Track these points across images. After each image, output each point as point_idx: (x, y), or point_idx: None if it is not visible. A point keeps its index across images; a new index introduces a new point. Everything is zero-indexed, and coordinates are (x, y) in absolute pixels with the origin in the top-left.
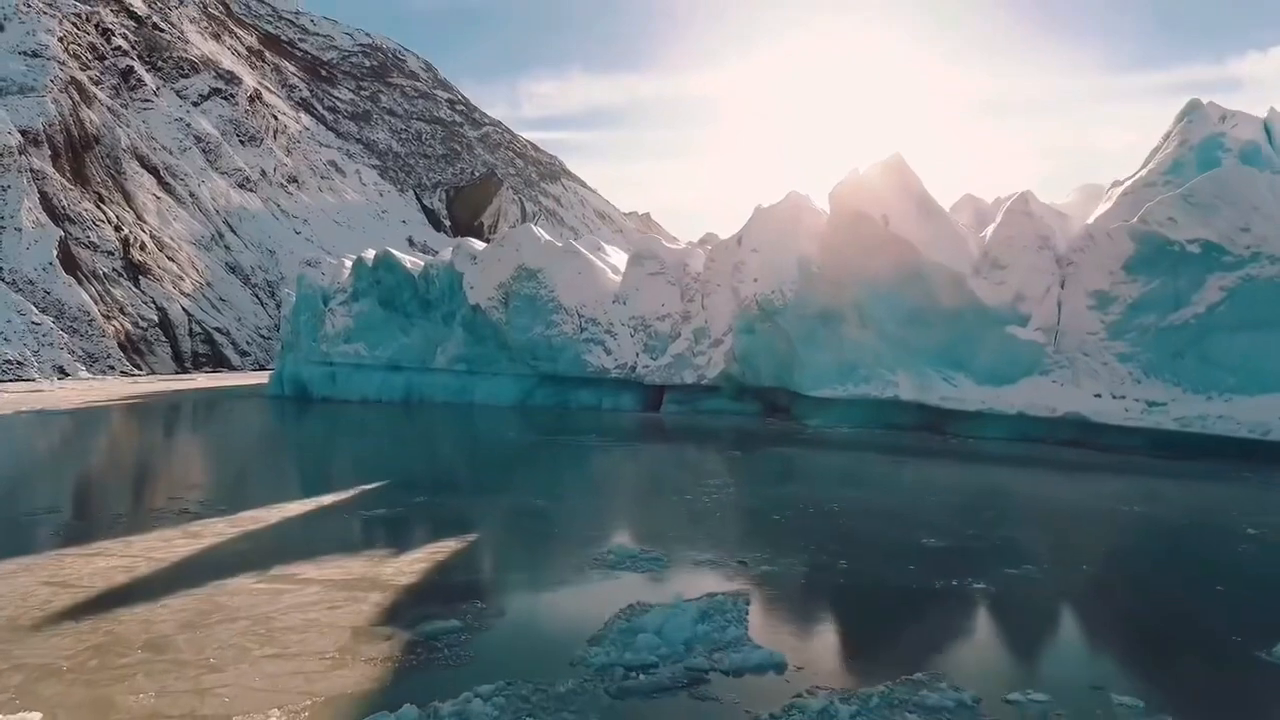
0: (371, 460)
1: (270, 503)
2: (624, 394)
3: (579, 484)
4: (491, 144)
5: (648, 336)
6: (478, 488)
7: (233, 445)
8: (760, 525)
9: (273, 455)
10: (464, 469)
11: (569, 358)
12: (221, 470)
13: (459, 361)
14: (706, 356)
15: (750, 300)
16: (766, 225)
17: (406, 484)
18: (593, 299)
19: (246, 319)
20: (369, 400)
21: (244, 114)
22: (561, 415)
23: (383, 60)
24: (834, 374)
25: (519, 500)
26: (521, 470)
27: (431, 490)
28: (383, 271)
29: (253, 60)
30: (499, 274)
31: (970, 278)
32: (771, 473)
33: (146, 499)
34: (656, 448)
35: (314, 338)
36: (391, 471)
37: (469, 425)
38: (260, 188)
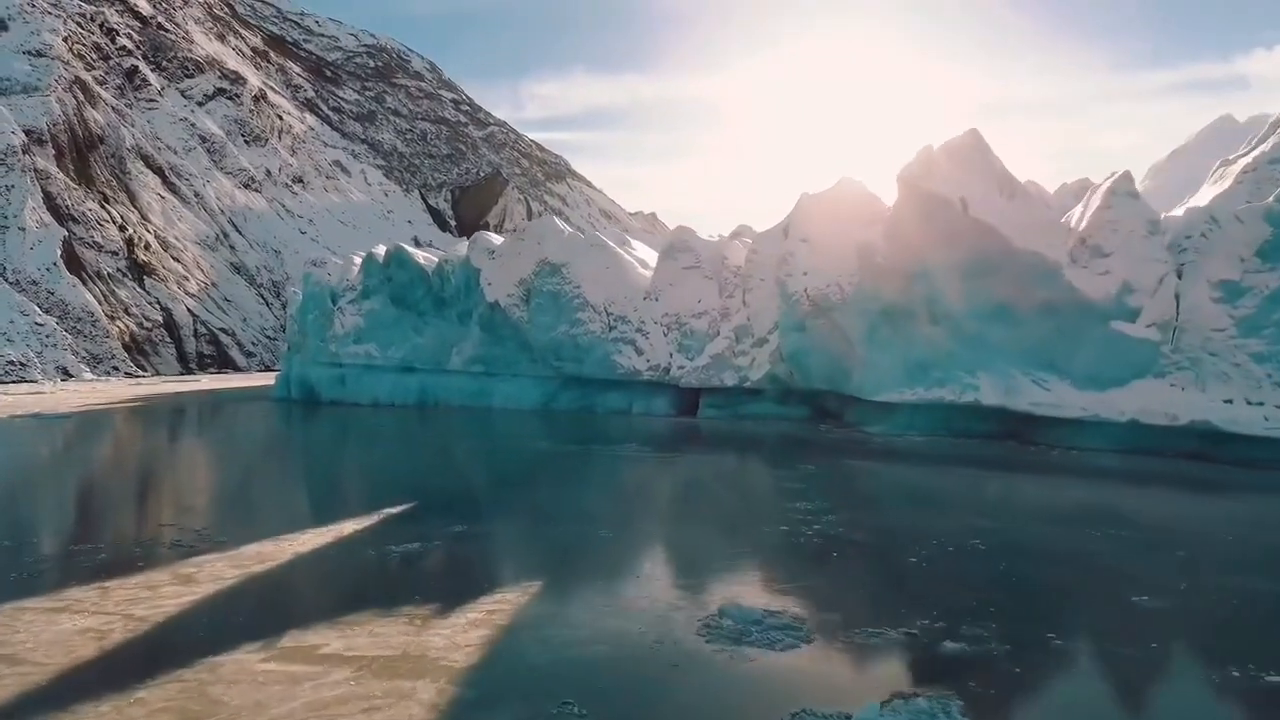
0: (391, 475)
1: (279, 532)
2: (656, 397)
3: (640, 506)
4: (496, 144)
5: (682, 335)
6: (522, 511)
7: (236, 456)
8: (899, 571)
9: (280, 469)
10: (500, 486)
11: (596, 359)
12: (223, 488)
13: (476, 363)
14: (749, 357)
15: (800, 295)
16: (816, 214)
17: (436, 506)
18: (622, 295)
19: (252, 319)
20: (380, 404)
21: (249, 114)
22: (590, 421)
23: (387, 61)
24: (900, 376)
25: (576, 530)
26: (567, 488)
27: (468, 515)
28: (395, 268)
29: (257, 61)
30: (519, 269)
31: (1067, 267)
32: (864, 493)
33: (135, 526)
34: (711, 459)
35: (322, 338)
36: (416, 489)
37: (492, 432)
38: (265, 188)
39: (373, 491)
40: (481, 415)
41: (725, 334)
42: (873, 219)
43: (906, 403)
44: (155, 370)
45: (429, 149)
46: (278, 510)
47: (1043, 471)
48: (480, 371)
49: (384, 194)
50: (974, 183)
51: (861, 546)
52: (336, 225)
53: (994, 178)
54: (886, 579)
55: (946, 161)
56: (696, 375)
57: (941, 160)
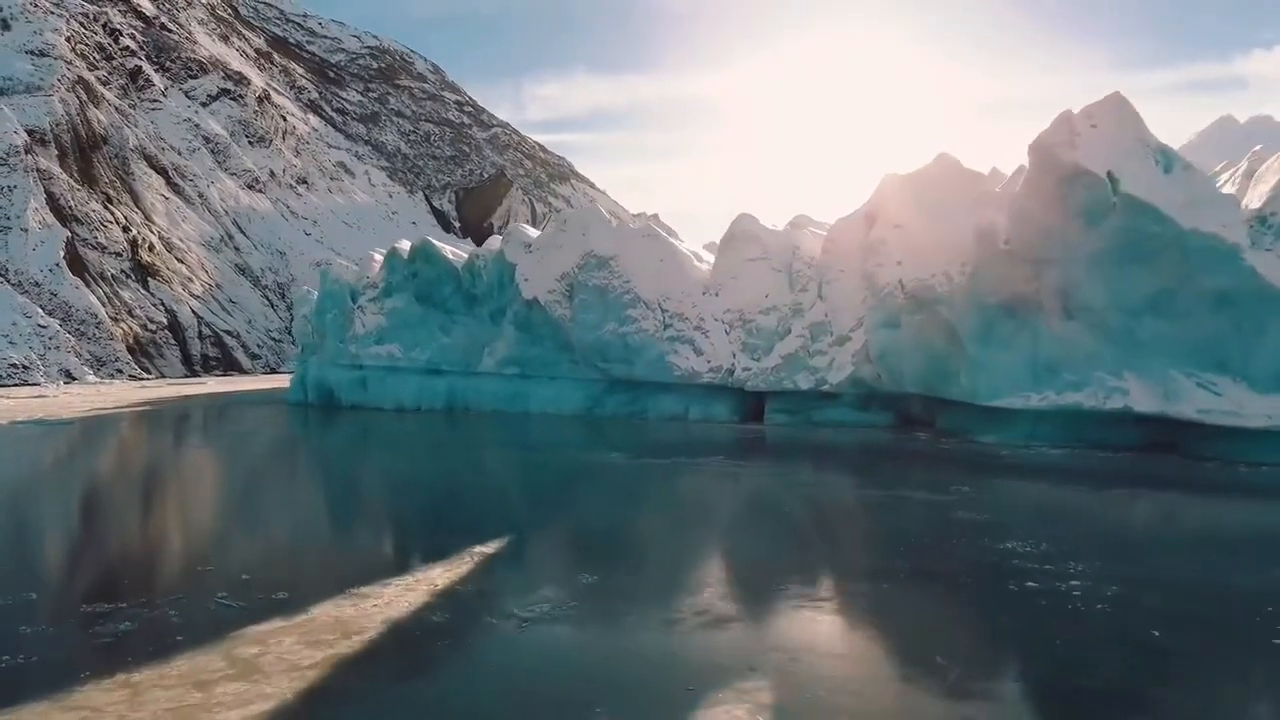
0: (453, 496)
1: (350, 582)
2: (716, 402)
3: (758, 545)
4: (500, 145)
5: (747, 334)
6: (655, 551)
7: (265, 472)
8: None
9: (321, 489)
10: (593, 512)
11: (649, 360)
12: (261, 516)
13: (510, 364)
14: (827, 357)
15: (893, 288)
16: (909, 196)
17: (532, 542)
18: (678, 290)
19: (257, 321)
20: (405, 408)
21: (253, 115)
22: (644, 428)
23: (390, 62)
24: (1024, 378)
25: (708, 586)
26: (661, 516)
27: (580, 555)
28: (420, 263)
29: (261, 62)
30: (561, 263)
31: (1247, 251)
32: (1064, 527)
33: (165, 574)
34: (815, 476)
35: (341, 338)
36: (494, 517)
37: (541, 442)
38: (269, 189)
39: (441, 520)
40: (519, 421)
41: (798, 332)
42: (979, 200)
43: (1030, 409)
44: (159, 373)
45: (433, 150)
46: (337, 548)
47: (1249, 494)
48: (515, 374)
49: (388, 195)
50: (1122, 153)
51: (1164, 620)
52: (341, 226)
53: (1145, 147)
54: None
55: (1088, 129)
56: (764, 378)
57: (1082, 128)
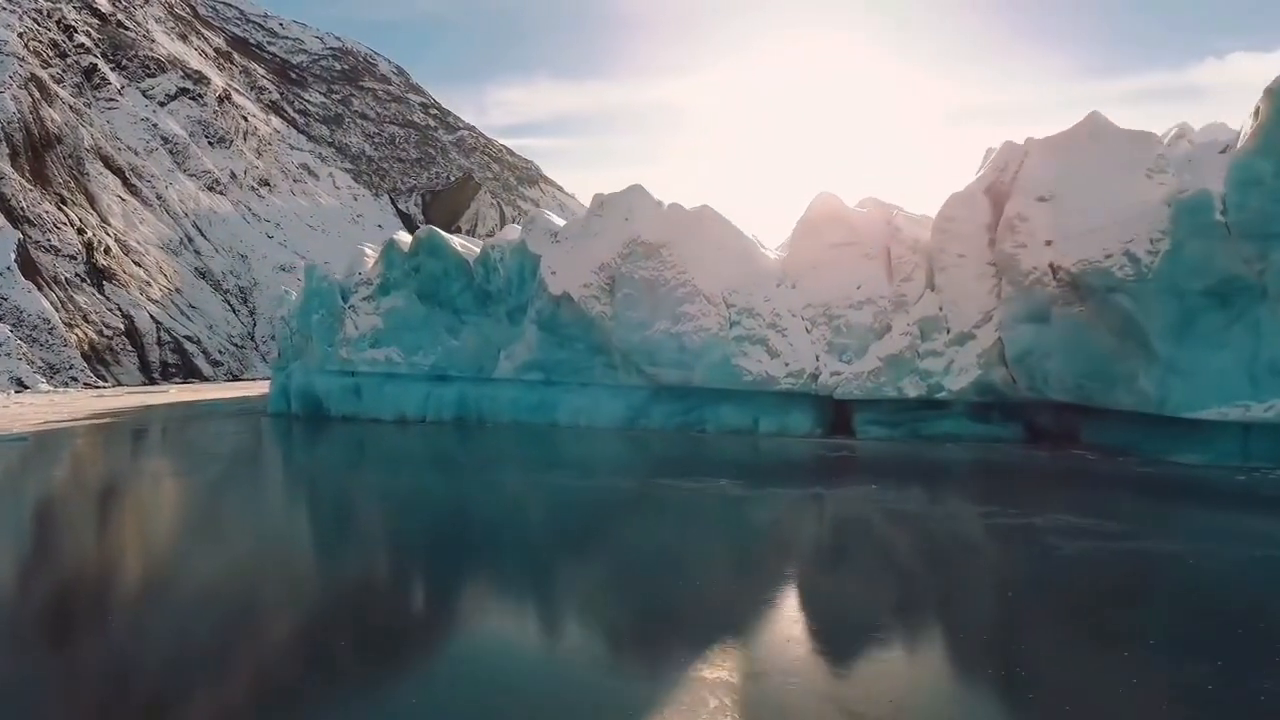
0: (485, 542)
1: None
2: (792, 411)
3: (917, 617)
4: (467, 148)
5: (833, 332)
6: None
7: (260, 507)
8: None
9: (328, 532)
10: (654, 568)
11: (711, 363)
12: (262, 579)
13: (533, 369)
14: (943, 358)
15: (1042, 273)
16: (1056, 162)
17: (572, 603)
18: (747, 282)
19: (218, 327)
20: (408, 419)
21: (213, 115)
22: (704, 444)
23: (354, 64)
24: (1239, 383)
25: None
26: (768, 573)
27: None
28: (424, 257)
29: (220, 62)
30: (598, 253)
31: None
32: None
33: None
34: (960, 507)
35: (330, 341)
36: (534, 573)
37: (576, 460)
38: (230, 190)
39: (483, 579)
40: (546, 436)
41: (901, 329)
42: (1155, 164)
43: (1254, 422)
44: (116, 380)
45: (398, 153)
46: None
47: None
48: (539, 380)
49: (353, 198)
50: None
51: None
52: (305, 229)
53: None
54: None
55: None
56: (858, 384)
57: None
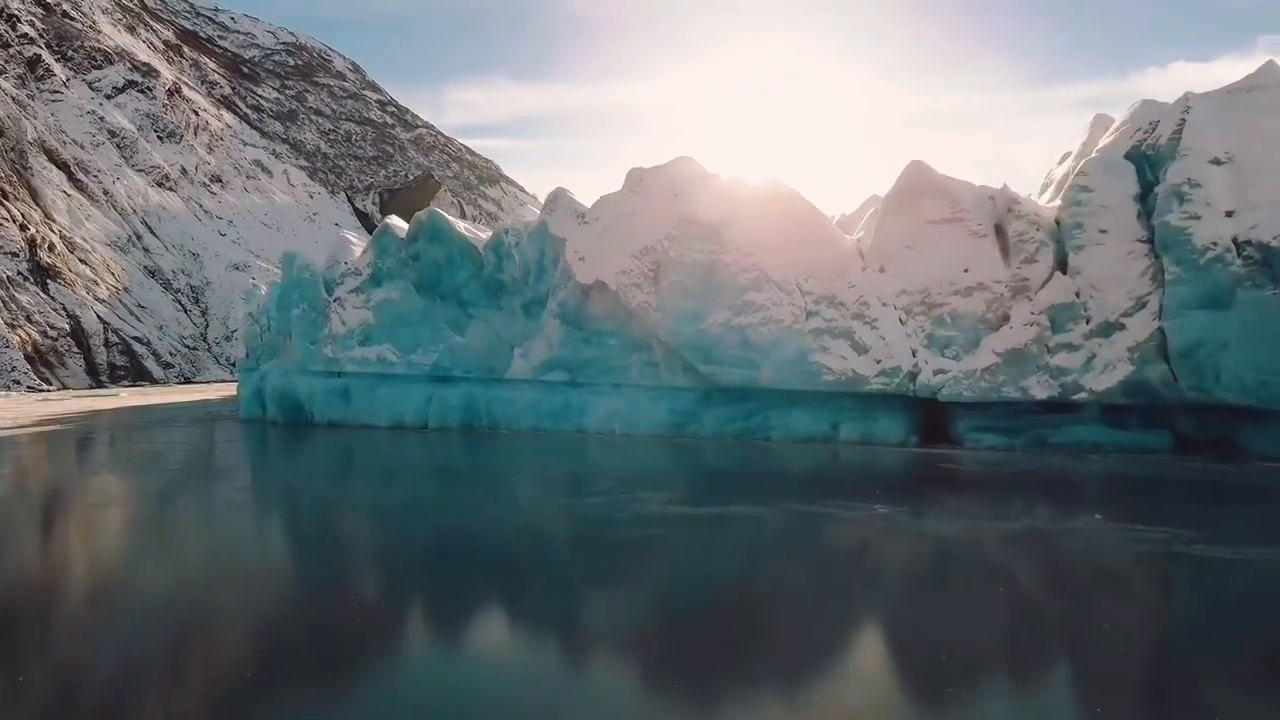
0: (534, 587)
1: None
2: (882, 417)
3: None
4: (425, 146)
5: (935, 324)
6: None
7: (249, 542)
8: None
9: (344, 587)
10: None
11: (783, 360)
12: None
13: (554, 368)
14: (1083, 353)
15: (1220, 249)
16: (1232, 118)
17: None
18: (826, 266)
19: (169, 327)
20: (406, 425)
21: (162, 108)
22: (773, 455)
23: (308, 60)
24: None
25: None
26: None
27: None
28: (425, 243)
29: (170, 55)
30: (639, 235)
31: None
32: None
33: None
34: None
35: (313, 339)
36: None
37: (614, 471)
38: (181, 186)
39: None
40: (575, 444)
41: (1025, 318)
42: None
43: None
44: (62, 383)
45: (354, 150)
46: None
47: None
48: (562, 381)
49: (308, 195)
50: None
51: None
52: (259, 227)
53: None
54: None
55: None
56: (970, 384)
57: None
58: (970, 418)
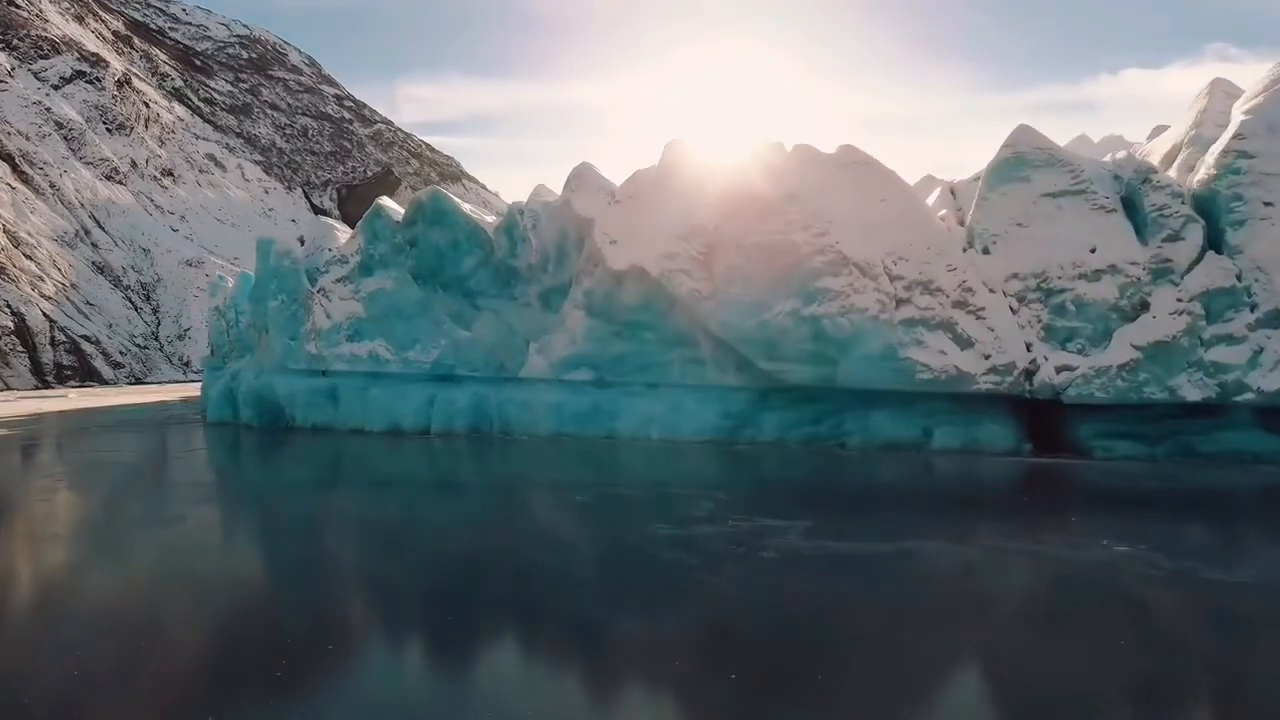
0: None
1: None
2: (983, 420)
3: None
4: (384, 142)
5: (1054, 313)
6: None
7: (243, 598)
8: None
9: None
10: None
11: (868, 355)
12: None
13: (578, 367)
14: (1248, 346)
15: None
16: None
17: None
18: (918, 246)
19: (119, 325)
20: (403, 430)
21: (111, 100)
22: (866, 466)
23: (262, 53)
24: None
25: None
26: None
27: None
28: (425, 226)
29: (119, 46)
30: (688, 213)
31: None
32: None
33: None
34: None
35: (293, 334)
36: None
37: (680, 483)
38: (131, 180)
39: None
40: (609, 453)
41: (1170, 307)
42: None
43: None
44: (5, 384)
45: (311, 145)
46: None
47: None
48: (587, 381)
49: (264, 191)
50: None
51: None
52: (212, 222)
53: None
54: None
55: None
56: (1103, 383)
57: None
58: (1096, 422)
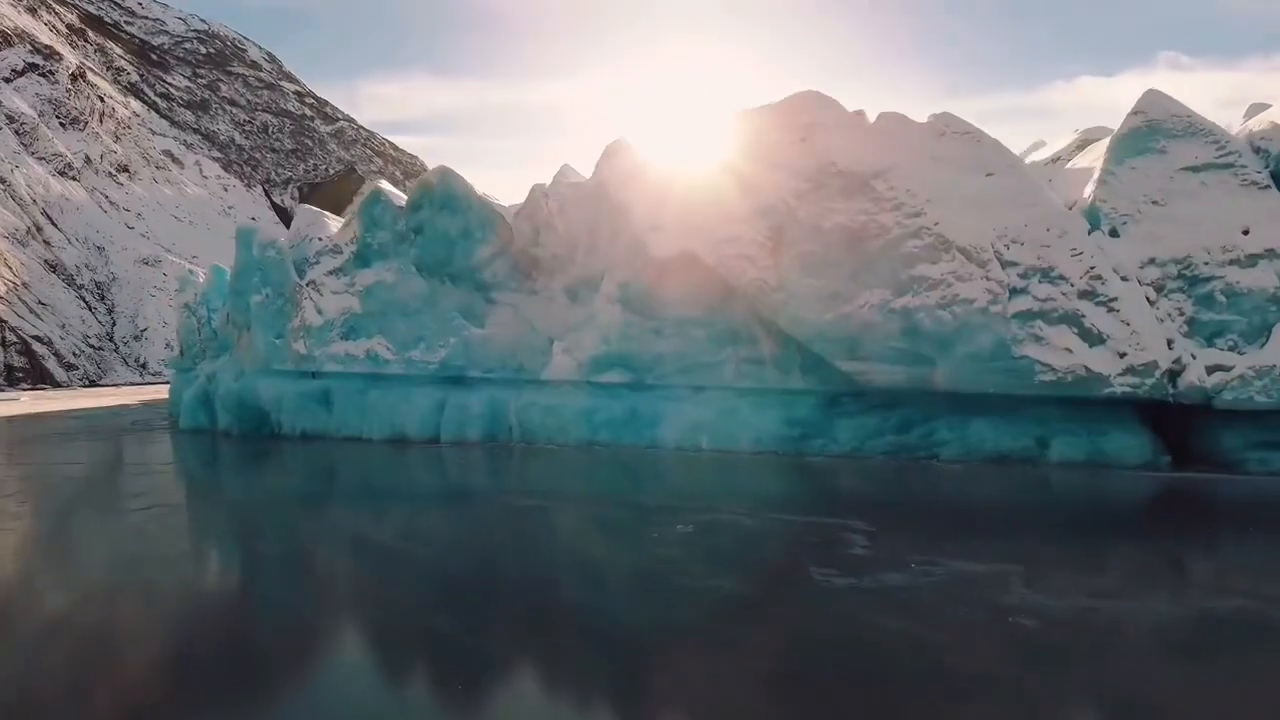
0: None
1: None
2: (1109, 429)
3: None
4: (347, 140)
5: (1200, 304)
6: None
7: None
8: None
9: None
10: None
11: (975, 353)
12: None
13: (611, 367)
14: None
15: None
16: None
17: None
18: (1034, 229)
19: (72, 326)
20: (408, 438)
21: (65, 93)
22: (972, 482)
23: (220, 48)
24: None
25: None
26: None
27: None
28: (432, 211)
29: (74, 39)
30: (751, 192)
31: None
32: None
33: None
34: None
35: (279, 331)
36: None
37: (808, 508)
38: (85, 176)
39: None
40: (654, 465)
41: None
42: None
43: None
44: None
45: (271, 142)
46: None
47: None
48: (621, 383)
49: (223, 188)
50: None
51: None
52: (170, 220)
53: None
54: None
55: None
56: (1265, 385)
57: None
58: (1246, 430)
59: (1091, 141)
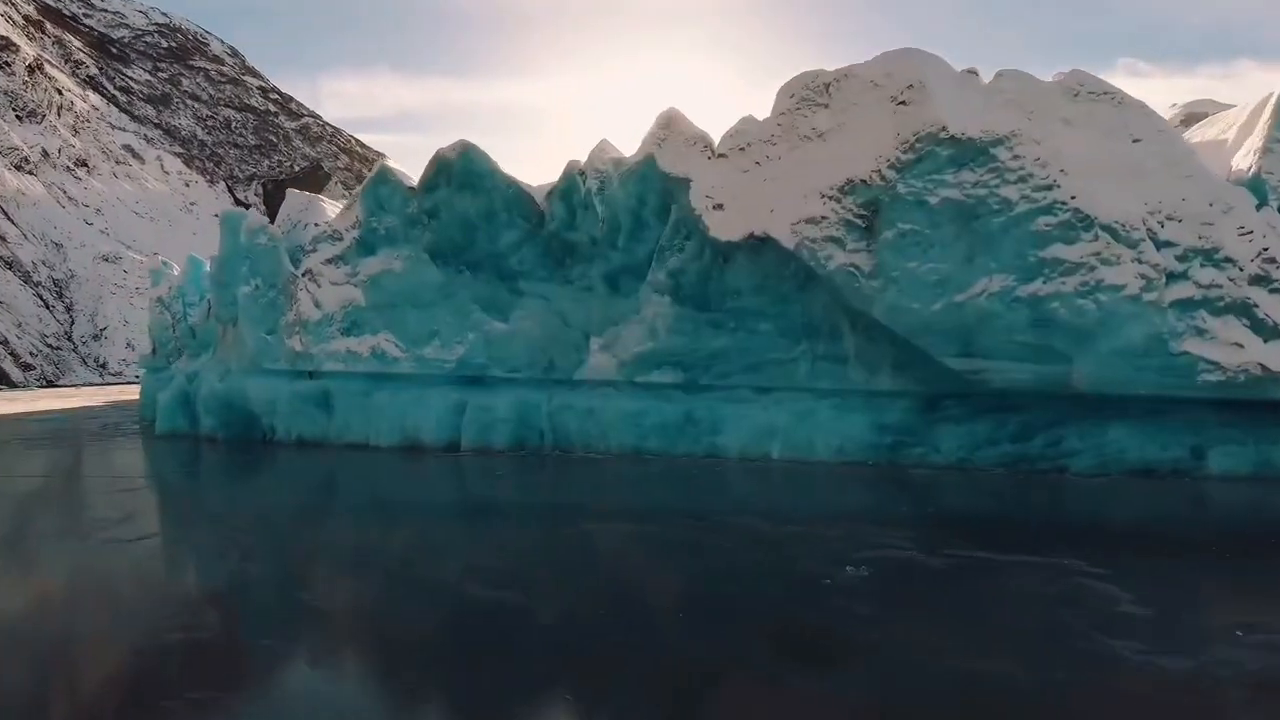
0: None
1: None
2: (1279, 438)
3: None
4: (312, 136)
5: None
6: None
7: None
8: None
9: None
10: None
11: (1125, 348)
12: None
13: (659, 365)
14: None
15: None
16: None
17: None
18: (1195, 203)
19: (29, 325)
20: (421, 444)
21: (21, 85)
22: (1136, 499)
23: (182, 42)
24: None
25: None
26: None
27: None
28: (450, 191)
29: (31, 30)
30: (838, 164)
31: None
32: None
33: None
34: None
35: (270, 326)
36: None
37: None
38: (42, 171)
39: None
40: (720, 479)
41: None
42: None
43: None
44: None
45: (234, 138)
46: None
47: None
48: (672, 384)
49: (185, 184)
50: None
51: None
52: (130, 216)
53: None
54: None
55: None
56: None
57: None
58: None
59: (1201, 116)
